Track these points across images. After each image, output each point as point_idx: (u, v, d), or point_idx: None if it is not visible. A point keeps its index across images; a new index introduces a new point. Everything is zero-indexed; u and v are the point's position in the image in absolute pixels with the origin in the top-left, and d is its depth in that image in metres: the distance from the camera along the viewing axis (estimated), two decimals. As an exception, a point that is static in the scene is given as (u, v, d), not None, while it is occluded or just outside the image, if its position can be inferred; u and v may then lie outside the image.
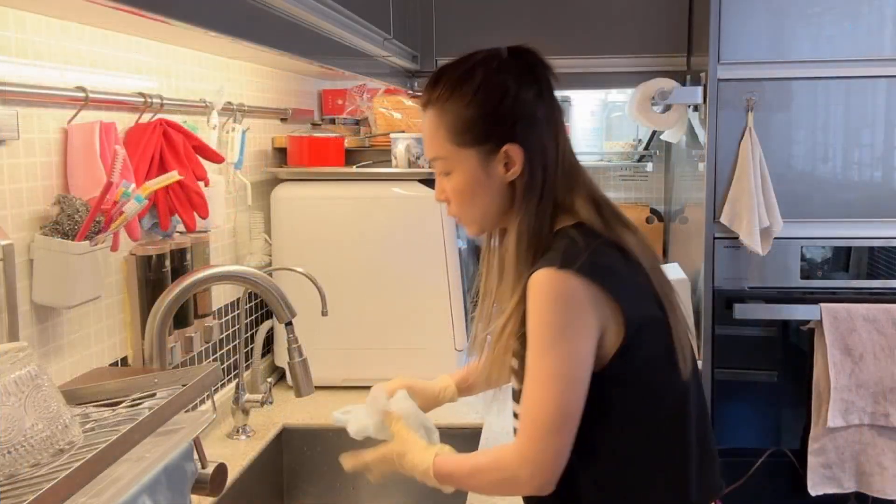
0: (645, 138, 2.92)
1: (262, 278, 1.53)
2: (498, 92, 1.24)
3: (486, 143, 1.24)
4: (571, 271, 1.15)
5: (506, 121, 1.23)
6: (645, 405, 1.22)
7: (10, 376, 0.85)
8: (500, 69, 1.25)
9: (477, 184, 1.26)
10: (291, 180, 2.28)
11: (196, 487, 1.19)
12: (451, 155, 1.26)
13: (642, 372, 1.21)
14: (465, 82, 1.25)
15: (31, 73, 1.31)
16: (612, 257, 1.20)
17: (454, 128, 1.25)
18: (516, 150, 1.23)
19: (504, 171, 1.25)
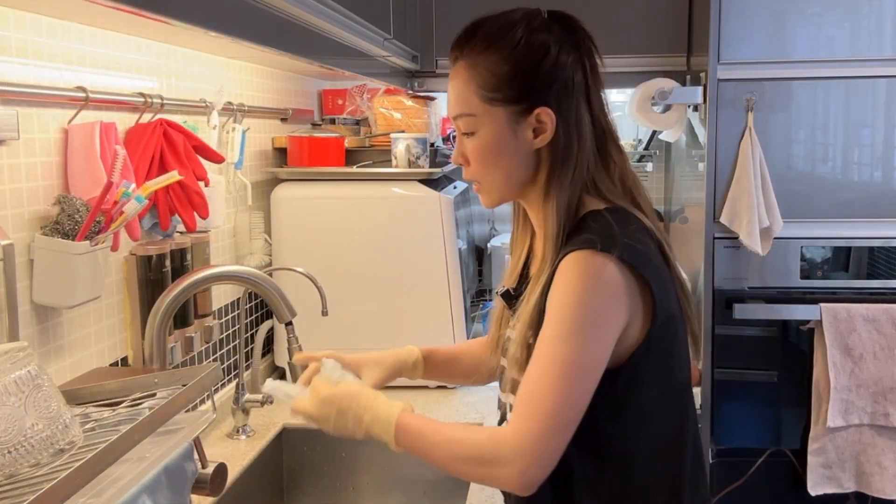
0: (645, 138, 2.92)
1: (262, 278, 1.53)
2: (538, 50, 1.16)
3: (519, 104, 1.16)
4: (612, 255, 1.08)
5: (542, 82, 1.16)
6: (656, 406, 1.16)
7: (10, 376, 0.85)
8: (542, 28, 1.18)
9: (503, 145, 1.17)
10: (291, 180, 2.28)
11: (196, 487, 1.19)
12: (479, 112, 1.18)
13: (658, 371, 1.15)
14: (503, 36, 1.17)
15: (31, 73, 1.31)
16: (648, 246, 1.14)
17: (486, 83, 1.16)
18: (549, 115, 1.16)
19: (533, 137, 1.17)
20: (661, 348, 1.14)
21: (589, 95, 1.19)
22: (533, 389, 1.09)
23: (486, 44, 1.17)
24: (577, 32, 1.20)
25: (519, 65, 1.16)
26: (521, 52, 1.16)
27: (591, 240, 1.10)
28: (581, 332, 1.08)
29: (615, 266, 1.08)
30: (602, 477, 1.15)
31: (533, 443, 1.07)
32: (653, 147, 2.89)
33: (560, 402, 1.07)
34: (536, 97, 1.16)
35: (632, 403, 1.14)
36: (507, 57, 1.16)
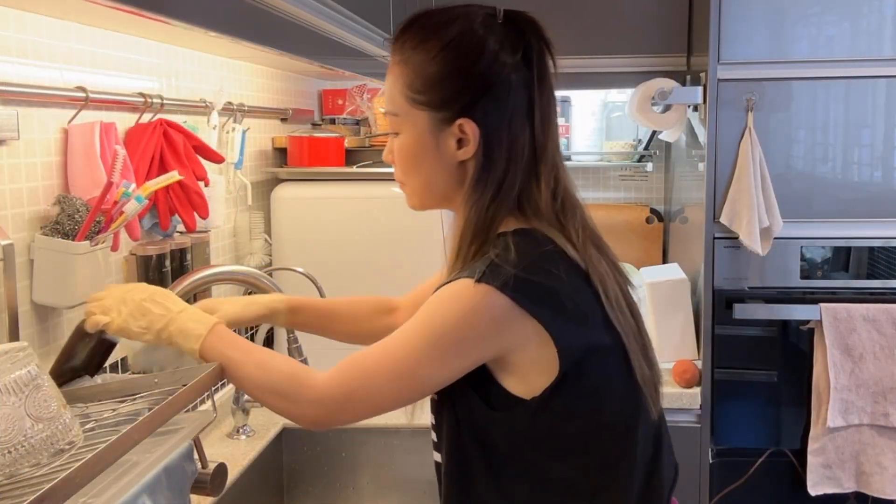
0: (645, 138, 2.92)
1: (263, 278, 1.53)
2: (471, 52, 1.05)
3: (442, 111, 1.06)
4: (491, 286, 0.99)
5: (471, 89, 1.05)
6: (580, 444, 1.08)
7: (10, 376, 0.85)
8: (482, 27, 1.06)
9: (423, 151, 1.09)
10: (291, 180, 2.28)
11: (196, 487, 1.19)
12: (402, 112, 1.10)
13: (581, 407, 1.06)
14: (435, 33, 1.07)
15: (31, 73, 1.31)
16: (550, 274, 1.03)
17: (412, 84, 1.08)
18: (472, 128, 1.06)
19: (455, 148, 1.08)
20: (583, 384, 1.05)
21: (532, 108, 1.08)
22: (364, 361, 1.06)
23: (418, 40, 1.08)
24: (528, 35, 1.08)
25: (447, 67, 1.06)
26: (452, 53, 1.06)
27: (474, 269, 1.02)
28: (432, 349, 1.02)
29: (493, 299, 1.00)
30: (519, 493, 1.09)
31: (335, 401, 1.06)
32: (653, 147, 2.89)
33: (379, 387, 1.05)
34: (462, 106, 1.06)
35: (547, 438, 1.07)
36: (435, 57, 1.06)
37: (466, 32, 1.06)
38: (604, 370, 1.06)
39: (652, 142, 2.89)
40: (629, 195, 3.00)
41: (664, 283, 2.34)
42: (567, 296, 1.03)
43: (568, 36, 2.58)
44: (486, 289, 1.00)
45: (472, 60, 1.05)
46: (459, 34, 1.06)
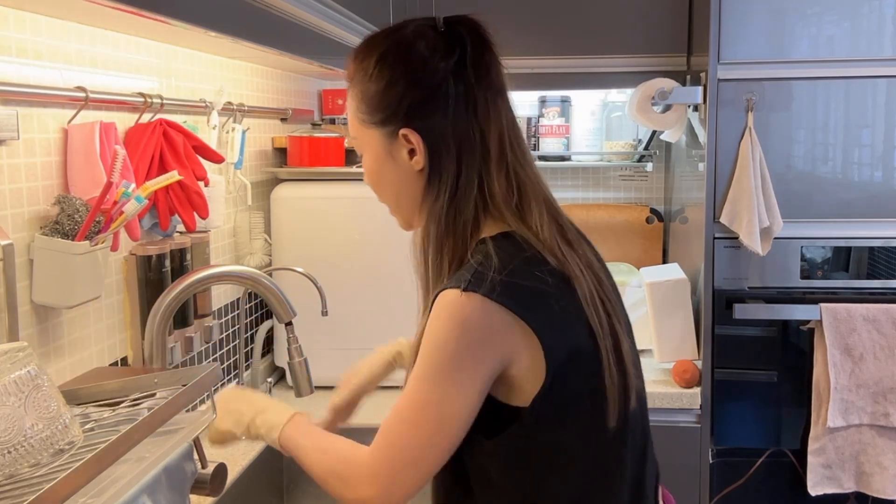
0: (645, 138, 2.92)
1: (262, 278, 1.53)
2: (401, 64, 1.06)
3: (387, 126, 1.09)
4: (479, 294, 0.99)
5: (406, 98, 1.06)
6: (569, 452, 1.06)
7: (10, 376, 0.85)
8: (414, 36, 1.07)
9: (383, 168, 1.13)
10: (291, 180, 2.28)
11: (196, 487, 1.19)
12: (358, 135, 1.13)
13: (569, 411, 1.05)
14: (371, 51, 1.09)
15: (31, 73, 1.31)
16: (535, 277, 1.02)
17: (360, 105, 1.10)
18: (415, 136, 1.07)
19: (409, 159, 1.09)
20: (569, 389, 1.03)
21: (475, 105, 1.07)
22: (392, 423, 1.05)
23: (359, 61, 1.11)
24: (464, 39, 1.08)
25: (383, 81, 1.07)
26: (385, 66, 1.07)
27: (461, 277, 1.02)
28: (443, 375, 1.01)
29: (483, 306, 0.99)
30: None
31: (382, 475, 1.04)
32: (653, 147, 2.89)
33: (413, 441, 1.03)
34: (403, 116, 1.07)
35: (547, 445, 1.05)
36: (372, 74, 1.08)
37: (396, 44, 1.08)
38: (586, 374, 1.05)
39: (652, 142, 2.89)
40: (629, 195, 3.00)
41: (664, 283, 2.34)
42: (553, 298, 1.03)
43: (568, 36, 2.59)
44: (474, 297, 0.99)
45: (402, 70, 1.06)
46: (389, 47, 1.08)
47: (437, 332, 1.02)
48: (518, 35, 2.58)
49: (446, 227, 1.08)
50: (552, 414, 1.04)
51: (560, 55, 2.47)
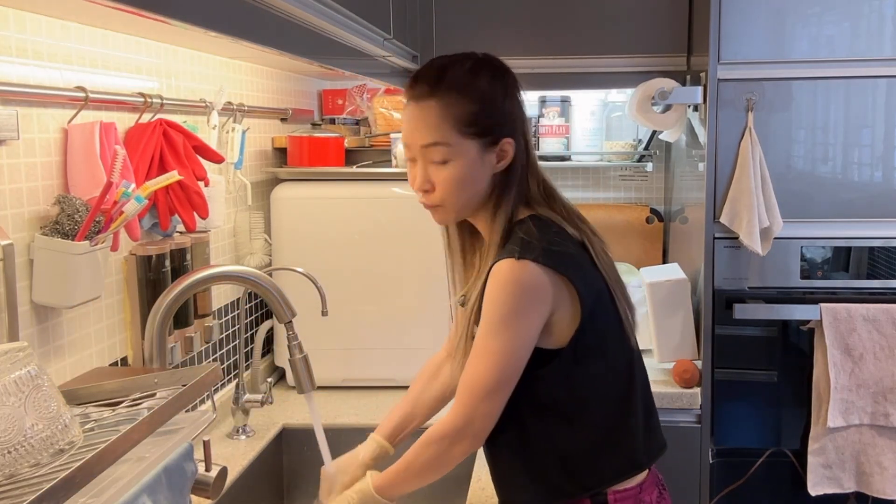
0: (645, 138, 2.92)
1: (262, 278, 1.53)
2: (502, 90, 1.38)
3: (488, 136, 1.35)
4: (530, 260, 1.28)
5: (504, 118, 1.37)
6: (599, 377, 1.36)
7: (10, 376, 0.85)
8: (500, 70, 1.40)
9: (474, 172, 1.36)
10: (291, 180, 2.28)
11: (197, 489, 1.19)
12: (455, 143, 1.34)
13: (599, 343, 1.35)
14: (474, 79, 1.36)
15: (31, 73, 1.31)
16: (565, 244, 1.34)
17: (462, 120, 1.34)
18: (511, 144, 1.37)
19: (495, 162, 1.37)
20: (597, 328, 1.35)
21: (525, 124, 1.41)
22: (464, 377, 1.33)
23: (460, 85, 1.35)
24: (510, 74, 1.41)
25: (487, 105, 1.35)
26: (489, 95, 1.36)
27: (512, 249, 1.30)
28: (504, 328, 1.30)
29: (534, 268, 1.28)
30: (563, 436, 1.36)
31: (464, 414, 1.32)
32: (653, 147, 2.89)
33: (485, 378, 1.31)
34: (500, 130, 1.36)
35: (579, 375, 1.35)
36: (477, 99, 1.35)
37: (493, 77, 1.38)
38: (608, 311, 1.37)
39: (652, 142, 2.89)
40: (629, 195, 3.00)
41: (664, 283, 2.34)
42: (578, 257, 1.35)
43: (568, 36, 2.59)
44: (526, 262, 1.28)
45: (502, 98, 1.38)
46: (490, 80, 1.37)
47: (498, 293, 1.30)
48: (518, 35, 2.58)
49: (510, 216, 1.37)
50: (587, 349, 1.34)
51: (560, 55, 2.47)
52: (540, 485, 1.38)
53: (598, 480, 1.36)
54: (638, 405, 1.40)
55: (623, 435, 1.38)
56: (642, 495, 1.38)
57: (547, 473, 1.37)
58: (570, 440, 1.36)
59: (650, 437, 1.42)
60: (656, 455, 1.43)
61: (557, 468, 1.36)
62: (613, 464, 1.37)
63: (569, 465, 1.36)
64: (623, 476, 1.37)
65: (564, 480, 1.36)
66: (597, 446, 1.36)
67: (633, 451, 1.38)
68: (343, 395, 2.24)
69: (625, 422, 1.38)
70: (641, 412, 1.40)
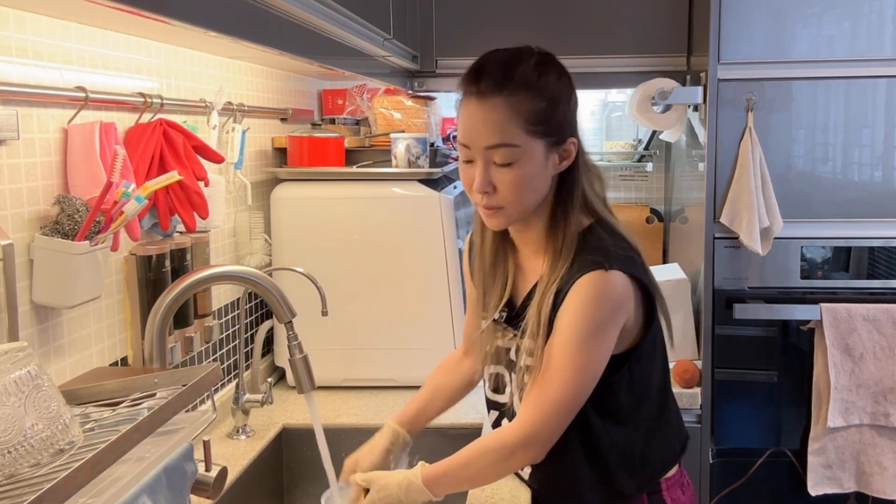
0: (645, 138, 2.92)
1: (262, 278, 1.53)
2: (568, 89, 1.35)
3: (554, 135, 1.31)
4: (616, 270, 1.27)
5: (570, 116, 1.34)
6: (651, 374, 1.40)
7: (10, 376, 0.85)
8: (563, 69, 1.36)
9: (539, 172, 1.32)
10: (291, 180, 2.28)
11: (197, 489, 1.19)
12: (523, 143, 1.29)
13: (651, 349, 1.38)
14: (542, 76, 1.31)
15: (31, 73, 1.31)
16: (631, 250, 1.34)
17: (530, 118, 1.29)
18: (575, 143, 1.34)
19: (558, 163, 1.33)
20: (656, 331, 1.38)
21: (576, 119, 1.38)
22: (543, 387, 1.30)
23: (528, 82, 1.29)
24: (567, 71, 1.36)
25: (555, 103, 1.31)
26: (556, 92, 1.31)
27: (597, 261, 1.27)
28: (591, 341, 1.28)
29: (621, 279, 1.28)
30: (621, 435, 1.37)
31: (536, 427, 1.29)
32: (653, 147, 2.89)
33: (567, 395, 1.28)
34: (567, 128, 1.33)
35: (638, 376, 1.37)
36: (544, 96, 1.30)
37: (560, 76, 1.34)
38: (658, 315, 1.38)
39: (652, 142, 2.89)
40: (629, 195, 3.00)
41: (664, 283, 2.33)
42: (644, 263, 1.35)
43: (568, 36, 2.59)
44: (616, 273, 1.27)
45: (569, 97, 1.34)
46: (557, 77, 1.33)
47: (587, 307, 1.27)
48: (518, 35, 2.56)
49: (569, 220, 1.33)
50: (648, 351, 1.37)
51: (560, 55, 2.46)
52: (603, 484, 1.38)
53: (650, 475, 1.40)
54: (672, 399, 1.46)
55: (664, 426, 1.42)
56: (683, 479, 1.45)
57: (610, 474, 1.37)
58: (625, 439, 1.38)
59: (679, 428, 1.47)
60: (685, 443, 1.47)
61: (618, 467, 1.37)
62: (660, 456, 1.41)
63: (626, 462, 1.38)
64: (669, 467, 1.42)
65: (625, 479, 1.38)
66: (646, 441, 1.39)
67: (672, 443, 1.43)
68: (343, 395, 2.24)
69: (664, 414, 1.43)
70: (672, 405, 1.46)
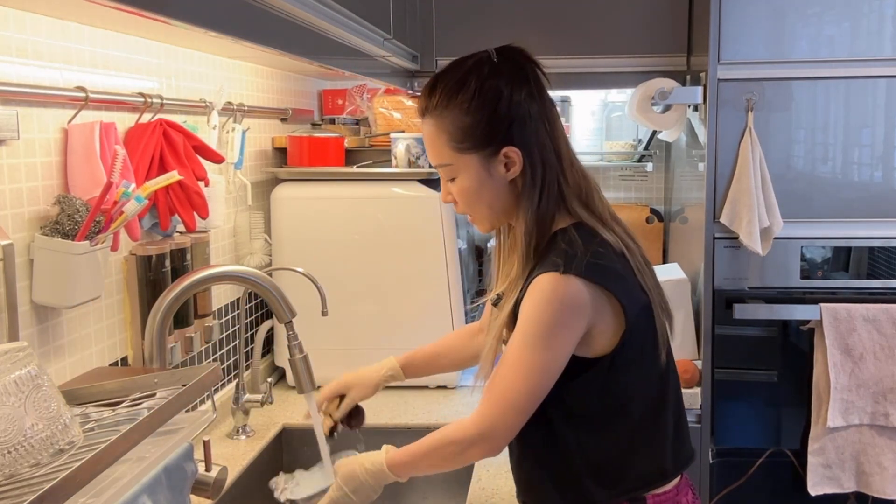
0: (645, 138, 2.92)
1: (262, 278, 1.53)
2: (492, 97, 1.28)
3: (487, 148, 1.29)
4: (573, 275, 1.23)
5: (502, 124, 1.28)
6: (635, 387, 1.32)
7: (10, 376, 0.85)
8: (491, 74, 1.29)
9: (481, 185, 1.31)
10: (291, 180, 2.28)
11: (197, 489, 1.19)
12: (454, 161, 1.31)
13: (636, 355, 1.30)
14: (459, 91, 1.29)
15: (31, 73, 1.31)
16: (608, 255, 1.28)
17: (454, 135, 1.29)
18: (514, 151, 1.29)
19: (505, 171, 1.30)
20: (636, 339, 1.29)
21: (544, 121, 1.31)
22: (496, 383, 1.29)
23: (447, 100, 1.29)
24: (525, 66, 1.31)
25: (479, 115, 1.28)
26: (478, 103, 1.27)
27: (556, 262, 1.24)
28: (543, 342, 1.24)
29: (577, 284, 1.23)
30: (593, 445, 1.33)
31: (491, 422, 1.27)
32: (653, 147, 2.89)
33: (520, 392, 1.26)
34: (501, 138, 1.28)
35: (615, 385, 1.30)
36: (467, 110, 1.28)
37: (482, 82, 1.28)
38: (647, 324, 1.31)
39: (652, 142, 2.89)
40: (629, 195, 3.00)
41: (664, 283, 2.30)
42: (622, 271, 1.29)
43: (568, 36, 2.59)
44: (571, 278, 1.23)
45: (495, 105, 1.28)
46: (478, 86, 1.28)
47: (539, 308, 1.24)
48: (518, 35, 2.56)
49: (538, 221, 1.30)
50: (625, 360, 1.29)
51: (560, 55, 2.47)
52: (569, 492, 1.35)
53: (626, 489, 1.33)
54: (669, 415, 1.36)
55: (652, 444, 1.34)
56: (679, 497, 1.36)
57: (577, 480, 1.34)
58: (599, 448, 1.33)
59: (679, 447, 1.38)
60: (684, 464, 1.39)
61: (587, 475, 1.33)
62: (642, 472, 1.33)
63: (598, 472, 1.33)
64: (651, 485, 1.34)
65: (594, 487, 1.33)
66: (626, 455, 1.33)
67: (662, 460, 1.35)
68: (343, 395, 2.24)
69: (654, 431, 1.35)
70: (672, 422, 1.37)
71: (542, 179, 1.30)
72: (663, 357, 1.35)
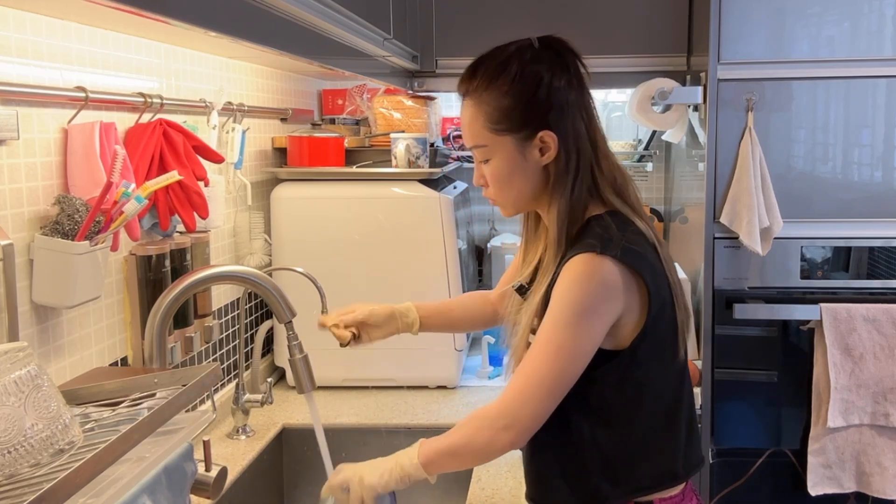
0: (645, 138, 2.92)
1: (262, 278, 1.53)
2: (532, 82, 1.30)
3: (523, 131, 1.31)
4: (609, 256, 1.24)
5: (540, 109, 1.30)
6: (654, 382, 1.32)
7: (10, 376, 0.85)
8: (533, 60, 1.32)
9: (515, 168, 1.33)
10: (291, 180, 2.28)
11: (197, 489, 1.19)
12: (490, 142, 1.33)
13: (657, 349, 1.31)
14: (501, 73, 1.31)
15: (31, 73, 1.31)
16: (642, 244, 1.29)
17: (492, 117, 1.31)
18: (550, 136, 1.30)
19: (539, 156, 1.32)
20: (658, 334, 1.30)
21: (582, 110, 1.33)
22: (525, 365, 1.27)
23: (487, 82, 1.32)
24: (566, 55, 1.33)
25: (518, 98, 1.30)
26: (518, 86, 1.30)
27: (592, 244, 1.25)
28: (575, 323, 1.24)
29: (612, 266, 1.24)
30: (607, 439, 1.32)
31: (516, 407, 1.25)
32: (653, 147, 2.89)
33: (548, 375, 1.25)
34: (538, 122, 1.30)
35: (633, 379, 1.30)
36: (507, 92, 1.30)
37: (524, 67, 1.31)
38: (669, 319, 1.31)
39: (652, 142, 2.89)
40: (629, 195, 2.99)
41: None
42: (653, 260, 1.30)
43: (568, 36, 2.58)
44: (607, 259, 1.24)
45: (534, 89, 1.30)
46: (519, 70, 1.31)
47: (573, 287, 1.25)
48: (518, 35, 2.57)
49: (573, 207, 1.31)
50: (645, 355, 1.29)
51: (560, 55, 2.47)
52: (579, 486, 1.34)
53: (636, 487, 1.32)
54: (683, 417, 1.36)
55: (665, 445, 1.34)
56: (685, 502, 1.36)
57: (588, 475, 1.33)
58: (612, 444, 1.32)
59: (690, 451, 1.38)
60: (693, 468, 1.38)
61: (598, 472, 1.32)
62: (653, 472, 1.33)
63: (609, 469, 1.32)
64: (660, 486, 1.33)
65: (604, 484, 1.32)
66: (639, 453, 1.32)
67: (674, 462, 1.34)
68: (343, 395, 2.24)
69: (669, 432, 1.34)
70: (685, 425, 1.36)
71: (576, 167, 1.31)
72: (682, 354, 1.35)
